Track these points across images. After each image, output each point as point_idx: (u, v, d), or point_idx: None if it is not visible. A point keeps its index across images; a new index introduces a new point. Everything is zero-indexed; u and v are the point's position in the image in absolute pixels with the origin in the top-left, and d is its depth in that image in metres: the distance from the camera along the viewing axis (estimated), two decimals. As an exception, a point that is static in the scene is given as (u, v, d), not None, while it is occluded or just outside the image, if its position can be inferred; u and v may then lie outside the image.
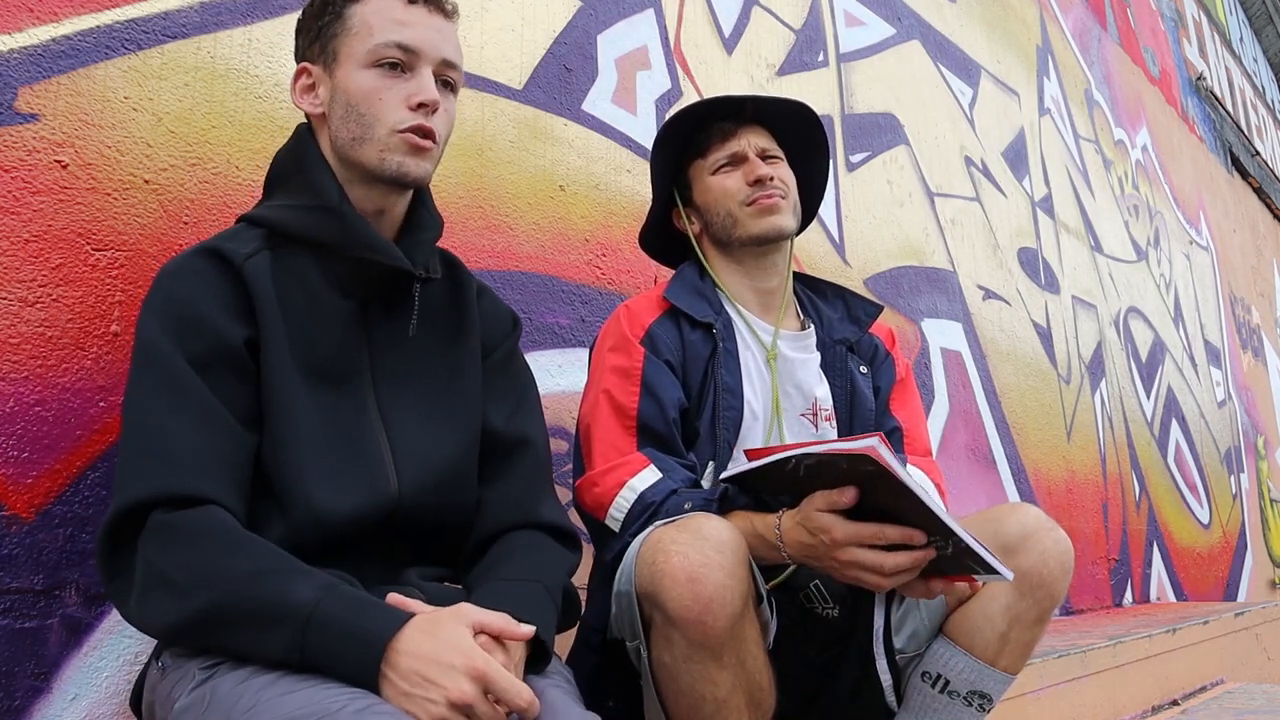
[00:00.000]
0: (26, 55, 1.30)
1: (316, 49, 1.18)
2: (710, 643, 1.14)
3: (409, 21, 1.14)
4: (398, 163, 1.13)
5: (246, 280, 1.08)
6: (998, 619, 1.34)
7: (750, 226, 1.56)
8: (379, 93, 1.13)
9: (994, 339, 3.72)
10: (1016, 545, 1.34)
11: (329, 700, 0.86)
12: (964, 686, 1.37)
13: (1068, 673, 2.42)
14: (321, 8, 1.18)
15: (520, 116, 2.06)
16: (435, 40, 1.16)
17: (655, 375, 1.45)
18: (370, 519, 1.09)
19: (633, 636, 1.25)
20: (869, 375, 1.62)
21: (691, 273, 1.63)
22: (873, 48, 3.39)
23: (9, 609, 1.20)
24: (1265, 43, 9.53)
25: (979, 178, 3.87)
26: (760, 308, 1.61)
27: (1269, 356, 7.45)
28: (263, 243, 1.13)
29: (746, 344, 1.56)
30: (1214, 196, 6.86)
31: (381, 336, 1.17)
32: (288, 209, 1.15)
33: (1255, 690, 3.27)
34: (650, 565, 1.17)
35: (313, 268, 1.13)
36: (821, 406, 1.56)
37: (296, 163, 1.18)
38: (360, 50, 1.14)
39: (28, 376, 1.24)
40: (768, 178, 1.55)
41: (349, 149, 1.15)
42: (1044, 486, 3.82)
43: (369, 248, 1.13)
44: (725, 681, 1.17)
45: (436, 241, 1.25)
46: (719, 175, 1.59)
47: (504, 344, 1.30)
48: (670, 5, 2.53)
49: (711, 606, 1.12)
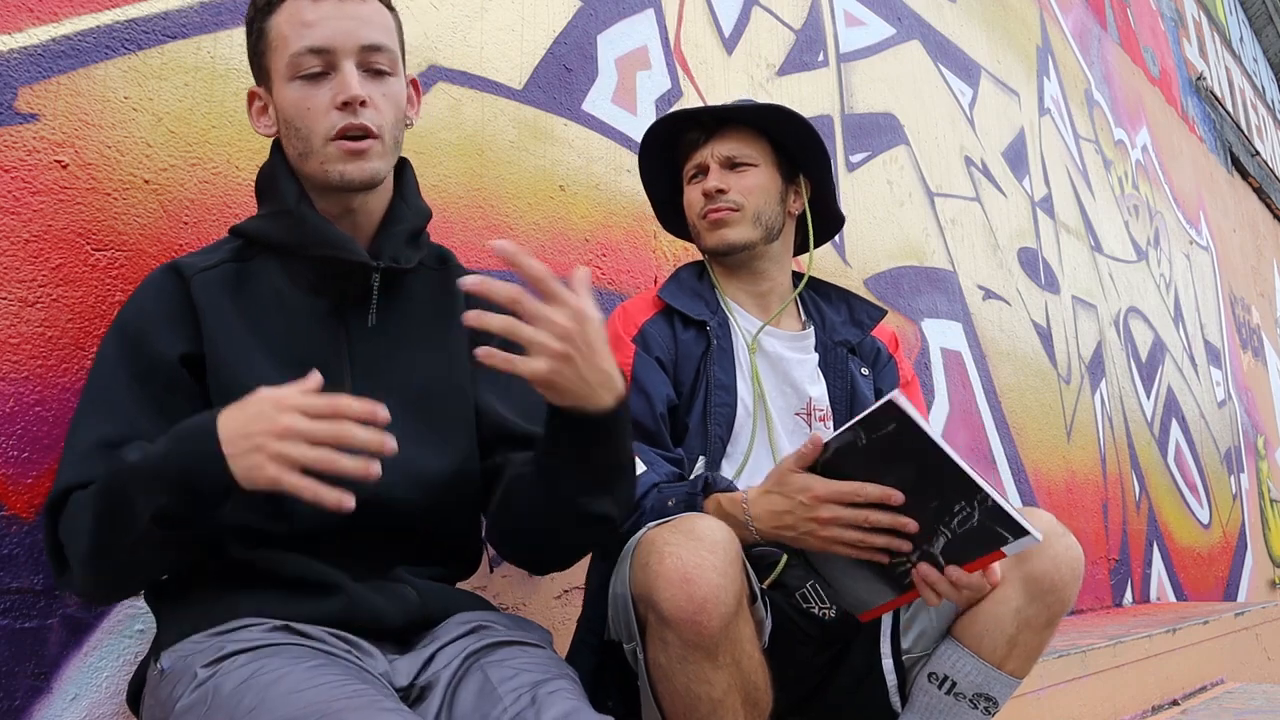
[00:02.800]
0: (26, 55, 1.30)
1: (256, 70, 1.18)
2: (705, 643, 1.14)
3: (316, 20, 1.10)
4: (339, 171, 1.12)
5: (193, 295, 1.10)
6: (1007, 622, 1.34)
7: (705, 239, 1.60)
8: (305, 102, 1.11)
9: (994, 339, 3.72)
10: (1028, 549, 1.34)
11: (332, 700, 0.86)
12: (970, 689, 1.37)
13: (1068, 673, 2.42)
14: (249, 28, 1.17)
15: (520, 116, 2.06)
16: (349, 29, 1.11)
17: (645, 372, 1.46)
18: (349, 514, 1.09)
19: (629, 638, 1.25)
20: (870, 377, 1.62)
21: (689, 273, 1.64)
22: (873, 48, 3.39)
23: (9, 609, 1.20)
24: (1265, 43, 9.53)
25: (979, 178, 3.87)
26: (756, 309, 1.62)
27: (1269, 356, 7.45)
28: (233, 254, 1.15)
29: (741, 343, 1.57)
30: (1214, 196, 6.86)
31: (359, 332, 1.17)
32: (261, 218, 1.18)
33: (1255, 690, 3.27)
34: (644, 567, 1.17)
35: (280, 272, 1.15)
36: (816, 406, 1.57)
37: (269, 175, 1.19)
38: (281, 64, 1.12)
39: (28, 376, 1.24)
40: (713, 190, 1.56)
41: (298, 164, 1.15)
42: (1044, 486, 3.82)
43: (326, 244, 1.13)
44: (721, 681, 1.17)
45: (416, 233, 1.23)
46: (690, 186, 1.62)
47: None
48: (670, 5, 2.53)
49: (705, 606, 1.12)
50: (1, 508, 1.20)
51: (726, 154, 1.58)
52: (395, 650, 1.09)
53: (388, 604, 1.09)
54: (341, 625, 1.05)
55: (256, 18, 1.15)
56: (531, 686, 0.98)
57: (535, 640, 1.13)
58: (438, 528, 1.18)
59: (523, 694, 0.97)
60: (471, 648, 1.07)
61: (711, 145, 1.59)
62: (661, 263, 2.33)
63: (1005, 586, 1.35)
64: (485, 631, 1.11)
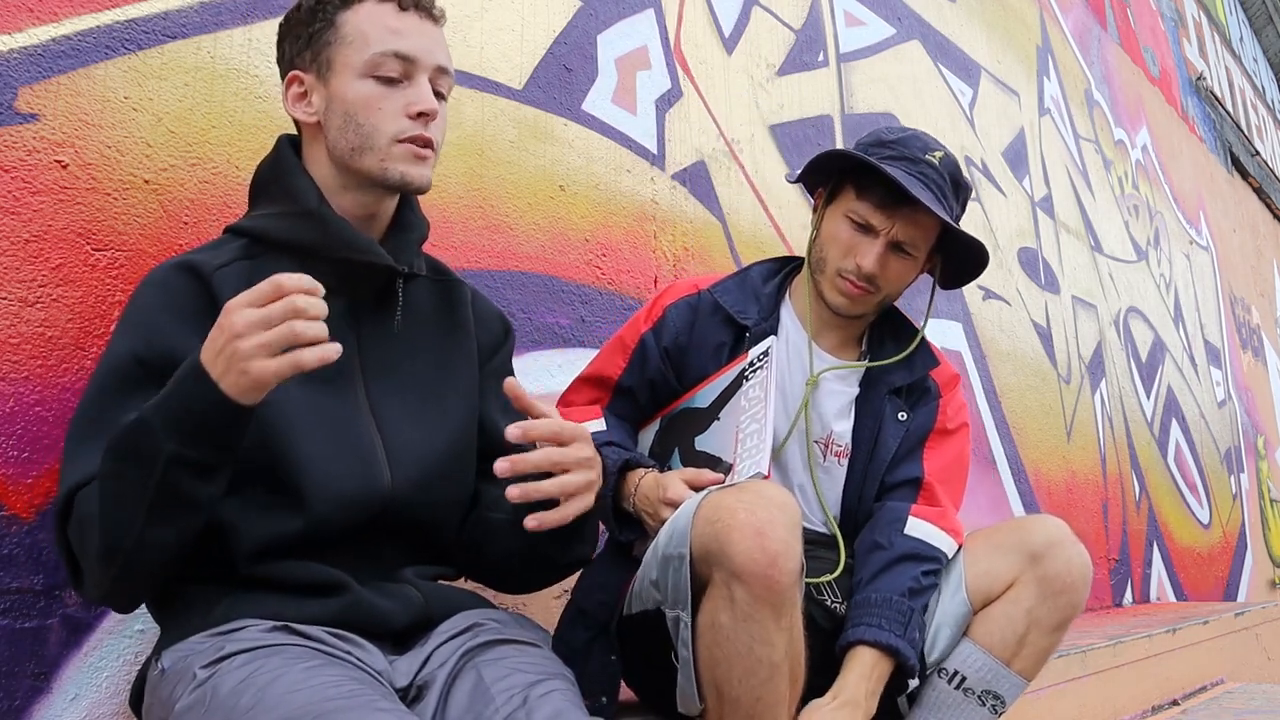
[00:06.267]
0: (26, 55, 1.30)
1: (308, 57, 1.17)
2: (774, 598, 1.14)
3: (404, 30, 1.14)
4: (401, 171, 1.14)
5: (215, 292, 1.09)
6: (1018, 620, 1.40)
7: (828, 292, 1.53)
8: (377, 102, 1.13)
9: (994, 339, 3.72)
10: (1042, 552, 1.40)
11: (328, 700, 0.87)
12: (979, 685, 1.41)
13: (1068, 673, 2.42)
14: (311, 14, 1.17)
15: (520, 116, 2.06)
16: (429, 47, 1.16)
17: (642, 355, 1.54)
18: (363, 512, 1.10)
19: (675, 604, 1.23)
20: (906, 420, 1.55)
21: (760, 274, 1.61)
22: (873, 48, 3.39)
23: (9, 609, 1.20)
24: (1265, 43, 9.53)
25: (979, 178, 3.87)
26: (824, 331, 1.58)
27: (1269, 356, 7.45)
28: (241, 252, 1.14)
29: (790, 359, 1.55)
30: (1214, 196, 6.86)
31: (370, 334, 1.18)
32: (268, 217, 1.17)
33: (1255, 690, 3.27)
34: (713, 523, 1.17)
35: (292, 271, 1.14)
36: (835, 441, 1.55)
37: (276, 172, 1.19)
38: (356, 60, 1.13)
39: (28, 376, 1.24)
40: (870, 274, 1.47)
41: (349, 158, 1.15)
42: (1044, 486, 3.82)
43: (351, 247, 1.14)
44: (781, 644, 1.17)
45: (423, 243, 1.26)
46: (844, 224, 1.50)
47: (500, 352, 1.32)
48: (670, 5, 2.53)
49: (778, 560, 1.13)
50: (1, 508, 1.20)
51: (902, 238, 1.48)
52: (395, 650, 1.09)
53: (392, 605, 1.09)
54: (343, 625, 1.05)
55: (326, 7, 1.15)
56: (524, 687, 0.99)
57: (531, 639, 1.14)
58: (444, 529, 1.19)
59: (515, 694, 0.98)
60: (467, 646, 1.08)
61: (895, 220, 1.46)
62: (661, 263, 2.33)
63: (1019, 587, 1.41)
64: (481, 630, 1.11)
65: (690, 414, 1.52)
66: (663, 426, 1.57)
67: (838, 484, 1.55)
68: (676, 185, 2.43)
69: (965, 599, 1.43)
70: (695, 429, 1.49)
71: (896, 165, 1.46)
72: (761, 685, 1.17)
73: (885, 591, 1.39)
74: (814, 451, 1.54)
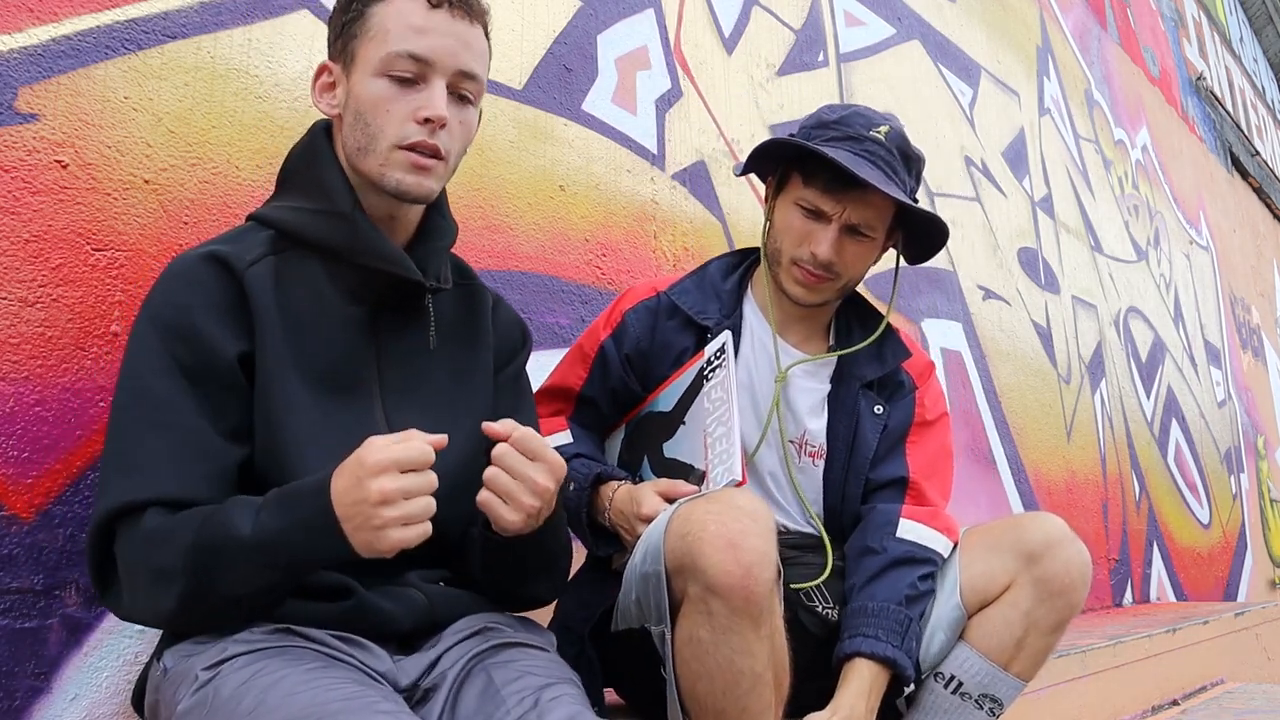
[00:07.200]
0: (26, 55, 1.30)
1: (338, 47, 1.14)
2: (752, 609, 1.12)
3: (427, 29, 1.08)
4: (396, 179, 1.09)
5: (248, 291, 1.06)
6: (1016, 624, 1.37)
7: (786, 283, 1.48)
8: (386, 103, 1.08)
9: (994, 339, 3.72)
10: (1040, 552, 1.37)
11: (329, 702, 0.87)
12: (976, 689, 1.39)
13: (1068, 673, 2.42)
14: (347, 4, 1.13)
15: (520, 116, 2.06)
16: (452, 49, 1.09)
17: (602, 363, 1.51)
18: None
19: (658, 621, 1.21)
20: (882, 415, 1.52)
21: (719, 270, 1.56)
22: (873, 48, 3.39)
23: (9, 609, 1.20)
24: (1265, 43, 9.53)
25: (979, 178, 3.87)
26: (786, 323, 1.54)
27: (1269, 356, 7.45)
28: (269, 246, 1.10)
29: (755, 355, 1.52)
30: (1214, 196, 6.86)
31: (393, 346, 1.15)
32: (299, 211, 1.12)
33: (1255, 690, 3.27)
34: (684, 537, 1.15)
35: (321, 273, 1.11)
36: (809, 441, 1.50)
37: (309, 163, 1.15)
38: (374, 56, 1.08)
39: (28, 376, 1.24)
40: (827, 261, 1.43)
41: (355, 157, 1.12)
42: (1044, 486, 3.82)
43: (381, 257, 1.11)
44: (762, 654, 1.15)
45: (450, 249, 1.23)
46: (795, 212, 1.45)
47: (515, 360, 1.30)
48: (670, 5, 2.53)
49: (753, 571, 1.11)
50: (1, 508, 1.20)
51: (856, 220, 1.42)
52: (401, 651, 1.08)
53: (396, 608, 1.08)
54: (347, 628, 1.04)
55: None
56: (535, 690, 0.98)
57: (540, 643, 1.13)
58: (450, 538, 1.18)
59: (526, 697, 0.97)
60: (476, 649, 1.07)
61: (846, 203, 1.41)
62: (661, 262, 2.33)
63: (1016, 589, 1.38)
64: (491, 633, 1.11)
65: (655, 419, 1.48)
66: (629, 433, 1.53)
67: (817, 484, 1.51)
68: (676, 185, 2.43)
69: (960, 603, 1.41)
70: (663, 435, 1.45)
71: (840, 146, 1.40)
72: (746, 695, 1.16)
73: (882, 600, 1.37)
74: (789, 451, 1.50)
